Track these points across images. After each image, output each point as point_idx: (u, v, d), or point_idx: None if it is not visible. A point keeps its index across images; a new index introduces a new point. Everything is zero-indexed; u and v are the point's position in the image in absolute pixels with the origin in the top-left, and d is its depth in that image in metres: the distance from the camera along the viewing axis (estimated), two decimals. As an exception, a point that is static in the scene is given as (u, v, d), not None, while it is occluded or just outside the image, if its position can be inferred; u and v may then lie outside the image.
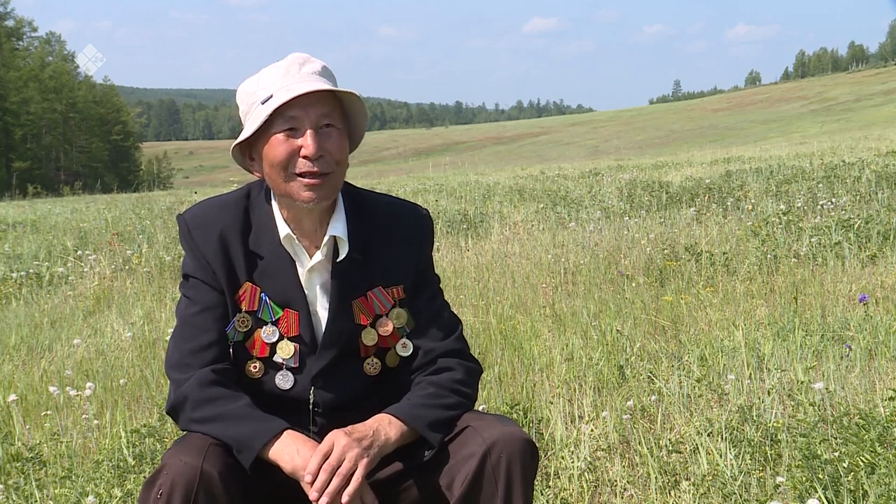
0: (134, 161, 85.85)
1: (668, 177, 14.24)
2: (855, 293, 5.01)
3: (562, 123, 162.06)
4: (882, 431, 2.62)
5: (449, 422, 1.83)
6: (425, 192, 14.46)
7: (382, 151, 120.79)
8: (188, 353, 1.84)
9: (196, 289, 1.89)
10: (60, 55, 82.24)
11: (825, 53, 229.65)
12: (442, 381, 1.88)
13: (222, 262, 1.87)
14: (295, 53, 1.88)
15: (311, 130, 1.80)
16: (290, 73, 1.84)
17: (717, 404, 3.46)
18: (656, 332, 4.69)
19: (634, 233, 7.52)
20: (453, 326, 1.97)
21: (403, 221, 1.97)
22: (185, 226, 1.91)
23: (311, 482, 1.68)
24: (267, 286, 1.88)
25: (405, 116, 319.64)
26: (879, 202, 8.34)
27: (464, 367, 1.93)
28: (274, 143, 1.81)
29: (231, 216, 1.90)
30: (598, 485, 2.94)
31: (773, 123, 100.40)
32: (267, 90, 1.83)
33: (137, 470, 2.99)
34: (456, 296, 5.79)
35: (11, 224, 12.83)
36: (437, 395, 1.85)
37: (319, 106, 1.81)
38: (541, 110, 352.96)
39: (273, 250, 1.88)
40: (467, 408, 1.89)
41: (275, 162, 1.82)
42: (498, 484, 1.72)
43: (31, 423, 3.75)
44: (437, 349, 1.93)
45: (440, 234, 8.89)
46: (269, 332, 1.89)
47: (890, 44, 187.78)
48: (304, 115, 1.80)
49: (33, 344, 5.37)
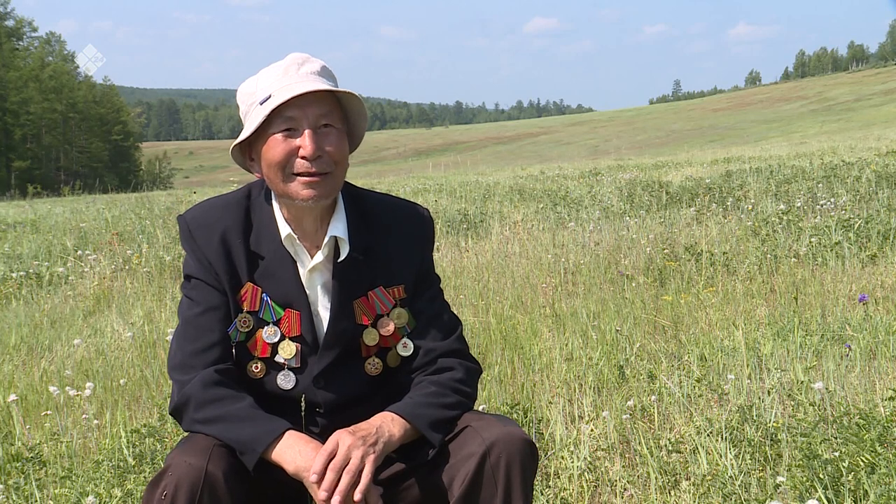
0: (134, 161, 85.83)
1: (668, 177, 14.25)
2: (855, 293, 5.01)
3: (562, 123, 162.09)
4: (882, 431, 2.62)
5: (450, 421, 1.83)
6: (425, 191, 14.46)
7: (382, 151, 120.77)
8: (191, 354, 1.84)
9: (198, 290, 1.88)
10: (60, 55, 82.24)
11: (825, 53, 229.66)
12: (443, 380, 1.89)
13: (224, 263, 1.87)
14: (294, 53, 1.88)
15: (309, 130, 1.80)
16: (288, 73, 1.84)
17: (717, 404, 3.46)
18: (656, 332, 4.69)
19: (634, 233, 7.52)
20: (454, 327, 1.97)
21: (405, 221, 1.97)
22: (186, 227, 1.91)
23: (318, 482, 1.66)
24: (268, 286, 1.88)
25: (405, 116, 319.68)
26: (879, 202, 8.34)
27: (464, 367, 1.93)
28: (272, 143, 1.81)
29: (232, 217, 1.90)
30: (598, 485, 2.94)
31: (773, 123, 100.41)
32: (266, 90, 1.83)
33: (137, 470, 2.99)
34: (456, 296, 5.79)
35: (11, 224, 12.83)
36: (438, 395, 1.85)
37: (317, 106, 1.81)
38: (541, 110, 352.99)
39: (274, 250, 1.88)
40: (467, 407, 1.89)
41: (273, 162, 1.81)
42: (497, 484, 1.72)
43: (31, 423, 3.75)
44: (438, 349, 1.93)
45: (440, 234, 8.89)
46: (271, 332, 1.89)
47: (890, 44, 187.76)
48: (302, 116, 1.80)
49: (33, 344, 5.36)
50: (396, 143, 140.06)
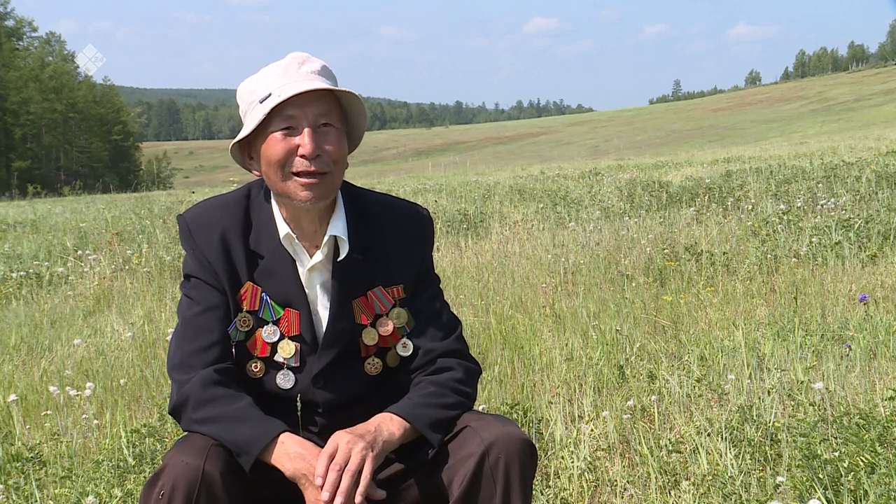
0: (134, 161, 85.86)
1: (668, 176, 14.25)
2: (855, 293, 5.01)
3: (562, 123, 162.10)
4: (882, 431, 2.63)
5: (449, 422, 1.83)
6: (425, 191, 14.46)
7: (382, 151, 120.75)
8: (190, 354, 1.84)
9: (198, 289, 1.88)
10: (60, 55, 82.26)
11: (825, 53, 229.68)
12: (442, 380, 1.88)
13: (224, 263, 1.87)
14: (295, 53, 1.88)
15: (308, 129, 1.80)
16: (288, 72, 1.84)
17: (717, 404, 3.46)
18: (656, 332, 4.69)
19: (634, 233, 7.52)
20: (453, 327, 1.97)
21: (404, 221, 1.97)
22: (185, 226, 1.90)
23: (322, 485, 1.66)
24: (267, 286, 1.88)
25: (405, 116, 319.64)
26: (879, 202, 8.34)
27: (464, 368, 1.92)
28: (271, 141, 1.81)
29: (231, 216, 1.90)
30: (598, 485, 2.94)
31: (773, 123, 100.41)
32: (266, 89, 1.83)
33: (137, 470, 2.99)
34: (456, 296, 5.79)
35: (11, 224, 12.83)
36: (437, 395, 1.85)
37: (317, 105, 1.81)
38: (541, 110, 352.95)
39: (273, 250, 1.88)
40: (467, 407, 1.89)
41: (272, 160, 1.81)
42: (496, 484, 1.72)
43: (31, 423, 3.75)
44: (437, 349, 1.92)
45: (440, 233, 8.89)
46: (270, 331, 1.88)
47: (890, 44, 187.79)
48: (301, 114, 1.80)
49: (33, 344, 5.36)
50: (396, 143, 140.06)
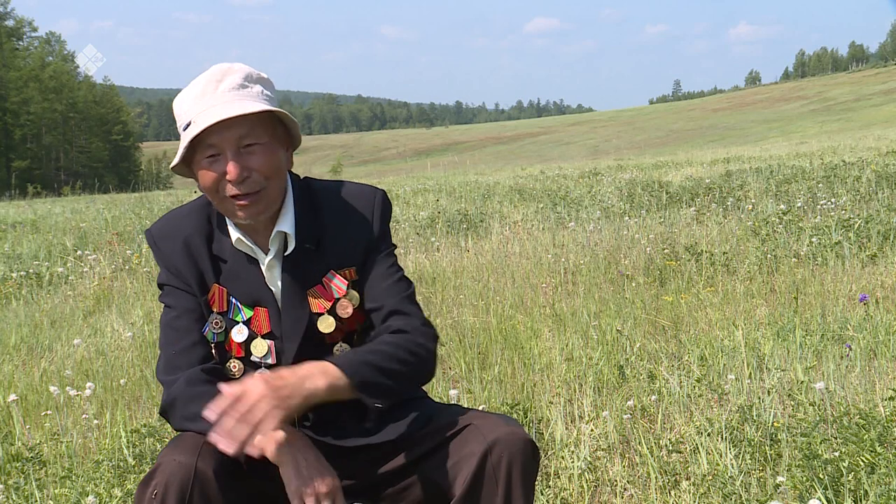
0: (134, 161, 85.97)
1: (668, 176, 14.25)
2: (855, 293, 5.01)
3: (562, 123, 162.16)
4: (882, 431, 2.63)
5: (386, 391, 1.78)
6: (425, 191, 14.47)
7: (382, 151, 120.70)
8: (174, 356, 1.87)
9: (172, 296, 1.93)
10: (60, 55, 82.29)
11: (825, 53, 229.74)
12: (400, 341, 1.84)
13: (190, 268, 1.91)
14: (215, 66, 1.86)
15: (231, 155, 1.79)
16: (206, 94, 1.82)
17: (717, 404, 3.46)
18: (656, 332, 4.69)
19: (634, 233, 7.52)
20: (404, 287, 1.94)
21: (353, 203, 1.97)
22: (151, 239, 1.97)
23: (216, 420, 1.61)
24: (233, 288, 1.92)
25: (405, 116, 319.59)
26: (879, 202, 8.34)
27: (419, 331, 1.88)
28: (200, 169, 1.82)
29: (193, 224, 1.94)
30: (598, 485, 2.94)
31: (773, 123, 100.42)
32: (186, 115, 1.82)
33: (137, 470, 2.99)
34: (456, 296, 5.79)
35: (11, 224, 12.84)
36: (386, 357, 1.80)
37: (238, 128, 1.79)
38: (541, 110, 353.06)
39: (234, 253, 1.92)
40: (417, 375, 1.87)
41: (205, 188, 1.84)
42: (498, 483, 1.72)
43: (31, 423, 3.75)
44: (387, 305, 1.90)
45: (440, 233, 8.89)
46: (239, 330, 1.92)
47: (890, 44, 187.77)
48: (221, 141, 1.79)
49: (33, 344, 5.37)
50: (396, 143, 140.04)
